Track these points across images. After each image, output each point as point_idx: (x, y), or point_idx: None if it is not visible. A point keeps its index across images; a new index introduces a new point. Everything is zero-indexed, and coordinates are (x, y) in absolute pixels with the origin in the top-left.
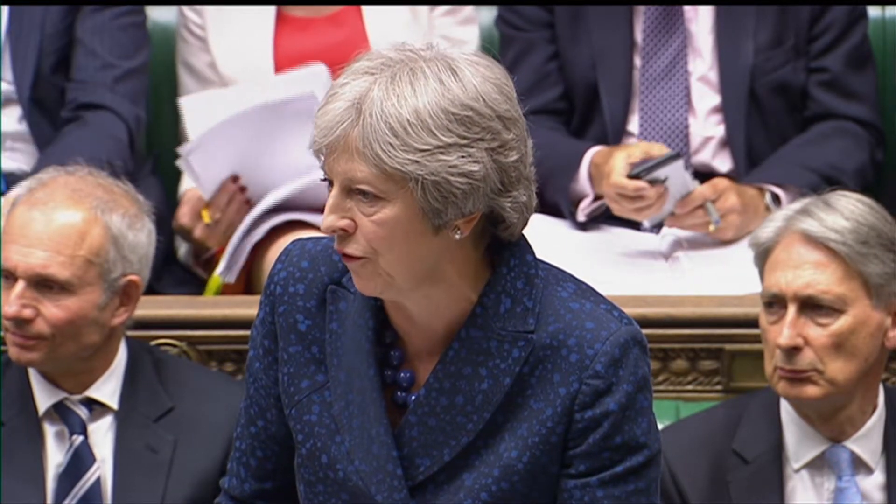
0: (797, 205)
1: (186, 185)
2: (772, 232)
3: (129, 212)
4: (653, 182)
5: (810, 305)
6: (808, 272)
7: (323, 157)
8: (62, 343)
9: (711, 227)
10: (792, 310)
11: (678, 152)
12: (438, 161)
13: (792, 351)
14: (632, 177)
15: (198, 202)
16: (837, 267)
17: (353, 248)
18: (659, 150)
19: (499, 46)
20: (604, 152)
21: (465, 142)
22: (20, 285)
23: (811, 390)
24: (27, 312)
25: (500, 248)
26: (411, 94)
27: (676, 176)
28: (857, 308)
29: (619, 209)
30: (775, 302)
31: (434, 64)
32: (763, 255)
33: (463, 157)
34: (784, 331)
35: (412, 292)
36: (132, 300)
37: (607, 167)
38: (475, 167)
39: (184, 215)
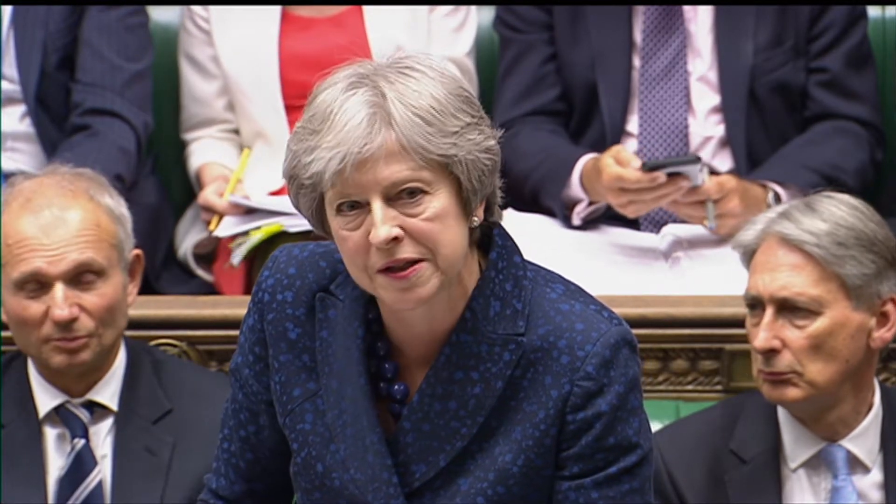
0: (780, 208)
1: (197, 161)
2: (753, 235)
3: (109, 190)
4: (672, 175)
5: (787, 307)
6: (784, 274)
7: (350, 174)
8: (104, 333)
9: (706, 223)
10: (769, 312)
11: (698, 156)
12: (468, 140)
13: (770, 353)
14: (648, 169)
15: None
16: (813, 269)
17: (408, 252)
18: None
19: (498, 47)
20: (589, 165)
21: (475, 120)
22: (60, 287)
23: (792, 392)
24: (76, 310)
25: (487, 244)
26: (420, 87)
27: (691, 173)
28: (835, 310)
29: (634, 209)
30: (756, 304)
31: (407, 63)
32: (747, 258)
33: (480, 133)
34: (760, 333)
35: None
36: (137, 275)
37: (606, 175)
38: (492, 142)
39: (211, 192)
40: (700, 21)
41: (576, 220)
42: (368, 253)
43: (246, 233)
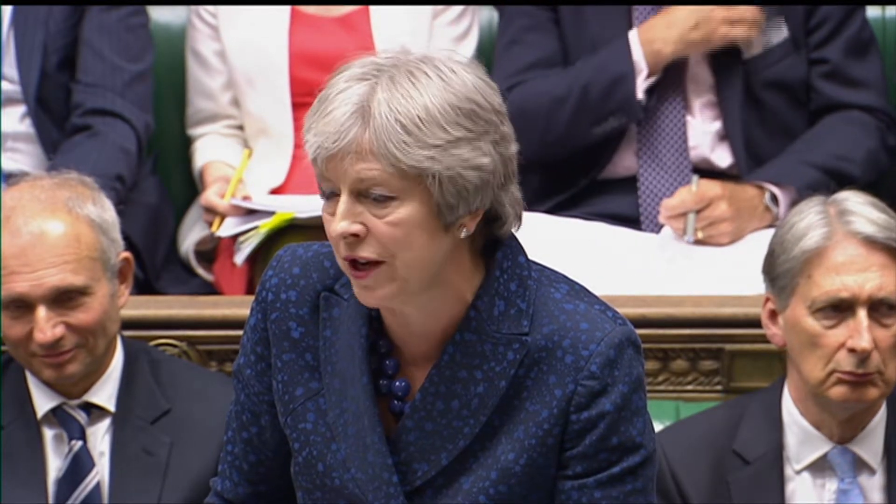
0: (821, 206)
1: (200, 160)
2: (820, 237)
3: (92, 196)
4: None
5: (875, 307)
6: (876, 274)
7: (322, 164)
8: (95, 343)
9: (685, 237)
10: (863, 313)
11: None
12: (451, 156)
13: (863, 355)
14: None
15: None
16: None
17: (367, 252)
18: None
19: (497, 27)
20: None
21: (472, 135)
22: (42, 310)
23: (872, 393)
24: (59, 331)
25: (493, 250)
26: (416, 93)
27: None
28: None
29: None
30: (837, 306)
31: (426, 64)
32: (809, 262)
33: (473, 150)
34: (864, 334)
35: (418, 296)
36: (128, 277)
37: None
38: (485, 160)
39: (213, 194)
40: None
41: (640, 94)
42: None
43: (249, 231)
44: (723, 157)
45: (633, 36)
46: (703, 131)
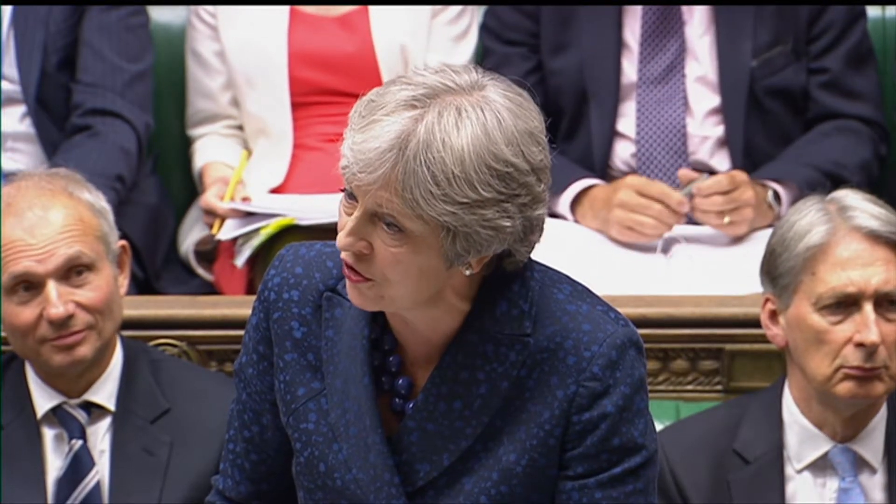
0: (821, 203)
1: (200, 161)
2: (823, 233)
3: (87, 186)
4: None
5: (879, 302)
6: (881, 268)
7: (349, 178)
8: (103, 326)
9: (726, 220)
10: (870, 307)
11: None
12: (474, 214)
13: (872, 348)
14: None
15: (223, 186)
16: None
17: (365, 270)
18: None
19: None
20: (607, 188)
21: (502, 197)
22: (52, 286)
23: (879, 388)
24: (71, 307)
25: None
26: (458, 139)
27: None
28: None
29: (654, 230)
30: (842, 301)
31: (477, 103)
32: (813, 258)
33: (498, 211)
34: (872, 328)
35: (409, 312)
36: (125, 266)
37: (651, 188)
38: (507, 223)
39: (212, 196)
40: (696, 23)
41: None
42: None
43: (249, 233)
44: (721, 162)
45: (572, 190)
46: (703, 135)
